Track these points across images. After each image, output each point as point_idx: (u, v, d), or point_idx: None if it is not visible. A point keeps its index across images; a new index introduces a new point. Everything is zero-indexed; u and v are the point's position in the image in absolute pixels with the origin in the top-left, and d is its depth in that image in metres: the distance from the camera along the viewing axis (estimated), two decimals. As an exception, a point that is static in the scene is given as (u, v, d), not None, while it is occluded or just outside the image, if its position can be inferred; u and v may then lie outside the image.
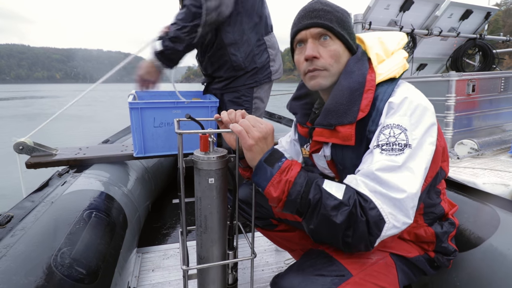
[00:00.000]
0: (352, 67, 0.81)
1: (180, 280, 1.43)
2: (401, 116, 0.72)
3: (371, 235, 0.67)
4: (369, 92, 0.77)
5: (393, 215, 0.67)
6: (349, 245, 0.70)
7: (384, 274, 0.79)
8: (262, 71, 1.67)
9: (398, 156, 0.69)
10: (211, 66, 1.69)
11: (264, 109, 1.83)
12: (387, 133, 0.72)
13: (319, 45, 0.81)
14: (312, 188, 0.71)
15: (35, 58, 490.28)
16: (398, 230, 0.69)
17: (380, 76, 0.79)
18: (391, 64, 0.81)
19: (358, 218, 0.66)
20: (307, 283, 0.73)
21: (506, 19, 50.56)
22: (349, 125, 0.78)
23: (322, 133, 0.84)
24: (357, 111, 0.77)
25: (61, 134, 8.67)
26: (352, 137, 0.78)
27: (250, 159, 0.76)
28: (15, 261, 0.82)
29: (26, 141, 1.63)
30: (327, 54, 0.81)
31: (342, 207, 0.67)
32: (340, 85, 0.81)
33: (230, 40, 1.58)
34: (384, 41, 0.85)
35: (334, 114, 0.80)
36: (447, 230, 0.90)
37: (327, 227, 0.69)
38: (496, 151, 2.68)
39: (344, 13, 0.83)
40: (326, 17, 0.80)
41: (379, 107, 0.76)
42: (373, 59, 0.83)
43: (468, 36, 3.43)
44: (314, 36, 0.81)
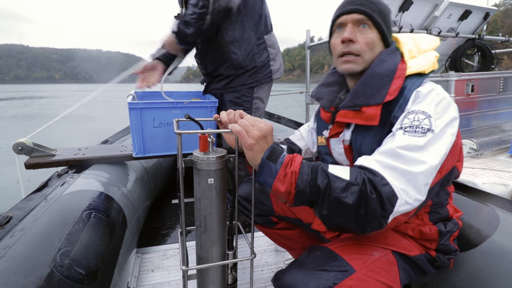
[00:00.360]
0: (384, 57, 0.85)
1: (179, 280, 1.42)
2: (427, 104, 0.75)
3: (384, 211, 0.67)
4: (399, 79, 0.81)
5: (405, 191, 0.67)
6: (363, 225, 0.69)
7: (386, 271, 0.79)
8: (262, 70, 1.67)
9: (420, 138, 0.71)
10: (211, 64, 1.69)
11: (264, 109, 1.83)
12: (411, 118, 0.74)
13: (357, 31, 0.86)
14: (318, 174, 0.70)
15: (34, 58, 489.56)
16: (410, 207, 0.68)
17: (410, 69, 0.83)
18: (422, 60, 0.85)
19: (368, 196, 0.66)
20: (310, 278, 0.73)
21: (504, 19, 50.68)
22: (375, 106, 0.81)
23: (346, 114, 0.87)
24: (385, 94, 0.80)
25: (60, 135, 8.66)
26: (376, 117, 0.80)
27: (252, 158, 0.76)
28: (14, 261, 0.82)
29: (25, 141, 1.62)
30: (363, 41, 0.85)
31: (351, 187, 0.67)
32: (371, 70, 0.85)
33: (231, 38, 1.58)
34: (418, 40, 0.89)
35: (361, 96, 0.84)
36: (451, 229, 0.90)
37: (339, 210, 0.68)
38: (495, 151, 2.68)
39: (386, 7, 0.88)
40: (369, 6, 0.85)
41: (406, 95, 0.79)
42: (406, 53, 0.87)
43: (467, 36, 3.43)
44: (354, 21, 0.86)
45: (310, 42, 3.52)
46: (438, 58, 0.88)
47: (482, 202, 1.12)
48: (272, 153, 0.74)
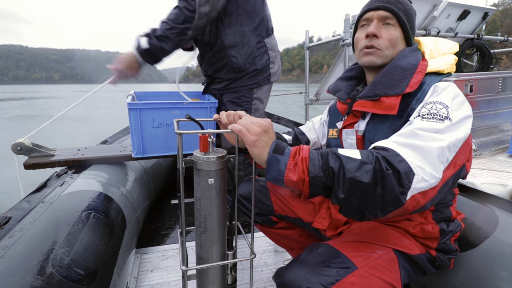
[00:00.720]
0: (407, 53, 0.89)
1: (179, 280, 1.42)
2: (445, 96, 0.77)
3: (402, 187, 0.65)
4: (419, 74, 0.84)
5: (421, 167, 0.67)
6: (381, 205, 0.67)
7: (387, 269, 0.79)
8: (262, 73, 1.67)
9: (438, 123, 0.72)
10: (211, 68, 1.69)
11: (264, 110, 1.83)
12: (429, 107, 0.76)
13: (382, 27, 0.90)
14: (329, 157, 0.69)
15: (33, 59, 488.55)
16: (427, 184, 0.67)
17: (430, 67, 0.86)
18: (441, 61, 0.88)
19: (384, 172, 0.65)
20: (312, 274, 0.73)
21: (503, 19, 50.80)
22: (395, 96, 0.84)
23: (364, 104, 0.90)
24: (406, 86, 0.83)
25: (59, 135, 8.65)
26: (395, 107, 0.83)
27: (257, 154, 0.74)
28: (13, 262, 0.82)
29: (24, 141, 1.62)
30: (386, 37, 0.89)
31: (364, 165, 0.66)
32: (393, 63, 0.88)
33: (230, 42, 1.58)
34: (438, 43, 0.93)
35: (381, 86, 0.86)
36: (453, 229, 0.91)
37: (356, 191, 0.66)
38: (494, 151, 2.69)
39: (412, 9, 0.92)
40: (396, 4, 0.89)
41: (425, 89, 0.82)
42: (426, 53, 0.91)
43: (466, 36, 3.44)
44: (380, 18, 0.90)
45: (309, 42, 3.52)
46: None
47: (481, 203, 1.13)
48: (278, 146, 0.73)
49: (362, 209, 0.69)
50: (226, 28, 1.57)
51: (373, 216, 0.70)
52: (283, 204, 1.16)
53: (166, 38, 1.42)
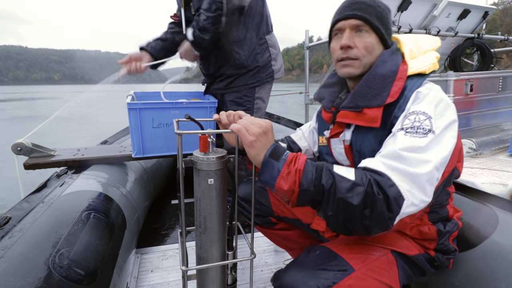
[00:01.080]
0: (386, 57, 0.86)
1: (179, 280, 1.42)
2: (427, 105, 0.75)
3: (391, 212, 0.66)
4: (400, 80, 0.81)
5: (411, 192, 0.67)
6: (368, 226, 0.68)
7: (385, 271, 0.79)
8: (264, 70, 1.67)
9: (422, 138, 0.71)
10: (214, 64, 1.69)
11: (265, 109, 1.83)
12: (412, 118, 0.74)
13: (355, 36, 0.86)
14: (323, 173, 0.70)
15: (32, 60, 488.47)
16: (416, 208, 0.68)
17: (411, 69, 0.83)
18: (422, 61, 0.85)
19: (375, 197, 0.65)
20: (309, 277, 0.73)
21: (503, 18, 50.77)
22: (377, 108, 0.81)
23: (347, 115, 0.87)
24: (387, 96, 0.80)
25: (59, 135, 8.65)
26: (378, 119, 0.81)
27: (254, 155, 0.75)
28: (13, 262, 0.82)
29: (24, 142, 1.62)
30: (361, 45, 0.86)
31: (356, 187, 0.66)
32: (373, 71, 0.85)
33: (234, 38, 1.59)
34: (419, 40, 0.90)
35: (362, 97, 0.84)
36: (450, 229, 0.90)
37: (345, 210, 0.67)
38: (494, 150, 2.69)
39: (385, 9, 0.87)
40: (367, 10, 0.84)
41: (407, 95, 0.79)
42: (406, 54, 0.87)
43: (466, 35, 3.44)
44: (352, 27, 0.86)
45: (309, 42, 3.52)
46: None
47: (481, 202, 1.12)
48: (275, 151, 0.74)
49: (348, 227, 0.71)
50: (229, 24, 1.58)
51: (359, 234, 0.72)
52: (282, 205, 1.16)
53: (204, 29, 1.49)
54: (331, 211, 0.69)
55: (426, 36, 0.91)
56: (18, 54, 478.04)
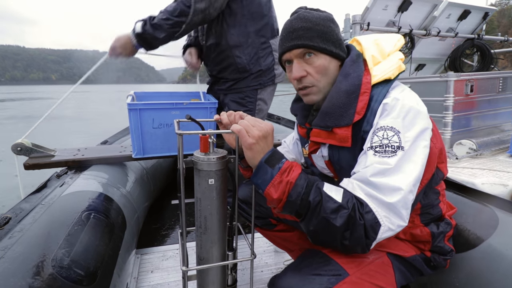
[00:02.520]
0: (348, 69, 0.82)
1: (179, 281, 1.42)
2: (395, 119, 0.73)
3: (368, 238, 0.69)
4: (364, 95, 0.79)
5: (388, 218, 0.69)
6: (346, 247, 0.71)
7: (381, 274, 0.79)
8: (266, 74, 1.68)
9: (390, 158, 0.71)
10: (216, 68, 1.70)
11: (267, 111, 1.83)
12: (380, 135, 0.73)
13: (304, 63, 0.84)
14: (312, 190, 0.71)
15: (30, 60, 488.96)
16: (393, 233, 0.70)
17: (375, 78, 0.80)
18: (386, 66, 0.81)
19: (357, 221, 0.68)
20: (304, 282, 0.73)
21: (500, 19, 50.83)
22: (346, 127, 0.80)
23: (319, 134, 0.86)
24: (353, 113, 0.78)
25: (59, 136, 8.65)
26: (348, 139, 0.80)
27: (251, 158, 0.76)
28: (13, 263, 0.82)
29: (24, 142, 1.62)
30: (313, 71, 0.83)
31: (342, 210, 0.68)
32: (336, 87, 0.82)
33: (234, 42, 1.59)
34: (380, 43, 0.86)
35: (331, 116, 0.82)
36: (443, 230, 0.90)
37: (326, 229, 0.70)
38: (494, 151, 2.69)
39: (326, 23, 0.82)
40: (306, 35, 0.81)
41: (373, 107, 0.77)
42: (369, 60, 0.84)
43: (466, 36, 3.44)
44: (298, 55, 0.83)
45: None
46: (436, 59, 0.88)
47: (481, 203, 1.12)
48: (272, 157, 0.75)
49: (327, 244, 0.74)
50: (230, 28, 1.58)
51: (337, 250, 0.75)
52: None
53: (159, 27, 1.45)
54: (313, 226, 0.72)
55: (388, 36, 0.88)
56: (15, 54, 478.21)
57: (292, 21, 0.84)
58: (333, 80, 0.85)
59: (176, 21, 1.44)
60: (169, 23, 1.44)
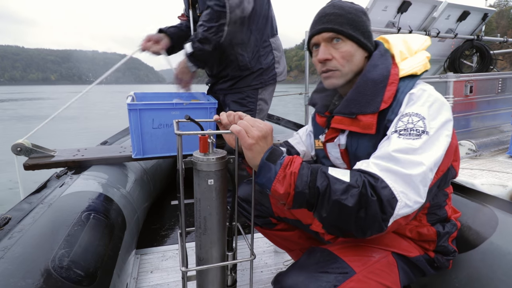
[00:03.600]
0: (376, 61, 0.85)
1: (179, 281, 1.42)
2: (420, 106, 0.75)
3: (384, 213, 0.67)
4: (392, 85, 0.81)
5: (404, 193, 0.67)
6: (362, 228, 0.69)
7: (386, 273, 0.79)
8: (267, 73, 1.68)
9: (415, 140, 0.71)
10: (217, 66, 1.70)
11: (268, 111, 1.84)
12: (405, 120, 0.75)
13: (331, 47, 0.86)
14: (318, 176, 0.70)
15: (29, 60, 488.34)
16: (410, 210, 0.68)
17: (402, 71, 0.83)
18: (413, 61, 0.85)
19: (369, 198, 0.66)
20: (310, 280, 0.72)
21: (499, 20, 50.88)
22: (371, 114, 0.81)
23: (342, 121, 0.88)
24: (380, 102, 0.80)
25: (59, 136, 8.64)
26: (373, 126, 0.81)
27: (251, 158, 0.75)
28: (12, 263, 0.82)
29: (24, 142, 1.62)
30: (339, 55, 0.85)
31: (351, 189, 0.67)
32: (364, 76, 0.84)
33: (238, 40, 1.59)
34: (408, 41, 0.89)
35: (356, 103, 0.83)
36: (449, 230, 0.90)
37: (339, 212, 0.68)
38: (494, 152, 2.69)
39: (357, 13, 0.86)
40: (337, 21, 0.84)
41: (399, 98, 0.79)
42: (397, 55, 0.87)
43: (465, 37, 3.45)
44: (326, 39, 0.86)
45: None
46: (436, 59, 0.88)
47: (480, 203, 1.13)
48: (272, 154, 0.74)
49: (343, 229, 0.71)
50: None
51: (353, 236, 0.72)
52: (282, 206, 1.16)
53: (206, 40, 1.47)
54: (326, 213, 0.69)
55: (416, 36, 0.91)
56: (14, 54, 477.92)
57: (325, 7, 0.88)
58: (358, 68, 0.88)
59: (217, 26, 1.45)
60: (212, 32, 1.45)
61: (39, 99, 38.12)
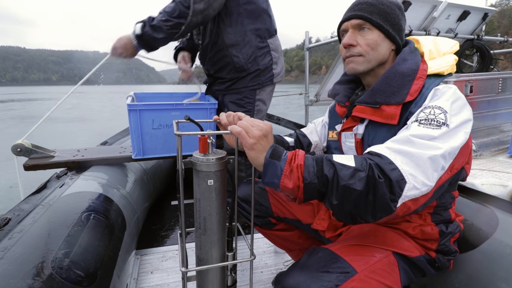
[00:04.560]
0: (406, 55, 0.87)
1: (179, 282, 1.42)
2: (444, 101, 0.77)
3: (393, 194, 0.66)
4: (420, 80, 0.83)
5: (413, 175, 0.67)
6: (372, 211, 0.68)
7: (387, 272, 0.79)
8: (264, 73, 1.68)
9: (435, 130, 0.72)
10: (213, 67, 1.70)
11: (266, 111, 1.83)
12: (427, 112, 0.76)
13: (358, 34, 0.89)
14: (324, 164, 0.70)
15: (31, 60, 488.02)
16: (418, 192, 0.68)
17: (430, 69, 0.85)
18: (442, 62, 0.87)
19: (376, 180, 0.66)
20: (312, 280, 0.72)
21: (500, 20, 50.82)
22: (396, 105, 0.83)
23: (364, 110, 0.89)
24: (406, 94, 0.82)
25: (59, 136, 8.65)
26: (396, 116, 0.82)
27: (254, 158, 0.75)
28: (12, 263, 0.82)
29: (24, 143, 1.62)
30: (364, 42, 0.88)
31: (357, 173, 0.67)
32: (393, 68, 0.86)
33: (231, 41, 1.58)
34: (438, 42, 0.92)
35: (381, 93, 0.85)
36: (452, 231, 0.91)
37: (349, 197, 0.67)
38: (494, 151, 2.69)
39: (391, 6, 0.88)
40: (368, 9, 0.87)
41: (424, 93, 0.81)
42: (426, 54, 0.90)
43: (465, 37, 3.44)
44: (354, 26, 0.89)
45: (308, 43, 3.52)
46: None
47: (481, 203, 1.12)
48: (275, 152, 0.74)
49: (354, 214, 0.70)
50: (227, 27, 1.58)
51: (364, 221, 0.71)
52: (281, 206, 1.16)
53: (159, 28, 1.45)
54: (336, 200, 0.68)
55: (445, 39, 0.93)
56: (16, 55, 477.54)
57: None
58: (382, 59, 0.89)
59: (176, 23, 1.43)
60: (168, 25, 1.44)
61: (40, 99, 38.12)
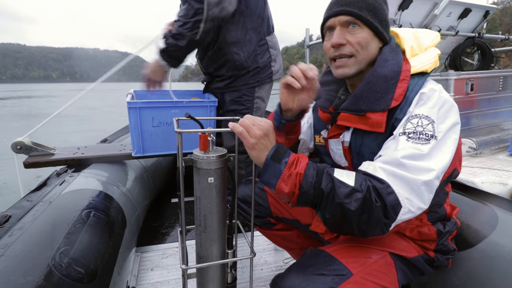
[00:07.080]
0: (387, 56, 0.82)
1: (179, 279, 1.42)
2: (430, 108, 0.74)
3: (388, 219, 0.68)
4: (403, 82, 0.79)
5: (409, 200, 0.68)
6: (364, 231, 0.70)
7: (384, 273, 0.79)
8: (264, 71, 1.68)
9: (424, 145, 0.71)
10: (212, 65, 1.69)
11: (265, 109, 1.83)
12: (415, 123, 0.73)
13: (347, 32, 0.81)
14: (323, 177, 0.70)
15: (31, 57, 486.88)
16: (413, 215, 0.69)
17: (413, 68, 0.80)
18: (424, 58, 0.82)
19: (372, 204, 0.66)
20: (308, 282, 0.73)
21: (502, 17, 50.63)
22: (381, 112, 0.79)
23: (349, 118, 0.85)
24: (391, 99, 0.78)
25: (59, 134, 8.64)
26: (382, 124, 0.79)
27: (255, 157, 0.75)
28: (13, 260, 0.82)
29: (24, 140, 1.62)
30: (354, 41, 0.81)
31: (355, 193, 0.67)
32: (375, 72, 0.81)
33: (233, 39, 1.58)
34: (419, 36, 0.86)
35: (365, 100, 0.80)
36: (449, 229, 0.91)
37: (342, 215, 0.69)
38: (494, 150, 2.68)
39: (378, 1, 0.82)
40: (356, 4, 0.80)
41: (409, 97, 0.77)
42: (407, 51, 0.84)
43: (466, 34, 3.43)
44: (343, 23, 0.82)
45: (309, 40, 3.51)
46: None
47: (481, 202, 1.12)
48: (277, 153, 0.74)
49: (344, 230, 0.72)
50: (228, 25, 1.57)
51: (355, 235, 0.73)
52: (280, 206, 1.16)
53: (179, 35, 1.43)
54: (329, 214, 0.70)
55: (426, 32, 0.88)
56: (16, 52, 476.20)
57: None
58: (371, 58, 0.84)
59: (193, 22, 1.40)
60: (187, 27, 1.41)
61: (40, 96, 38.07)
